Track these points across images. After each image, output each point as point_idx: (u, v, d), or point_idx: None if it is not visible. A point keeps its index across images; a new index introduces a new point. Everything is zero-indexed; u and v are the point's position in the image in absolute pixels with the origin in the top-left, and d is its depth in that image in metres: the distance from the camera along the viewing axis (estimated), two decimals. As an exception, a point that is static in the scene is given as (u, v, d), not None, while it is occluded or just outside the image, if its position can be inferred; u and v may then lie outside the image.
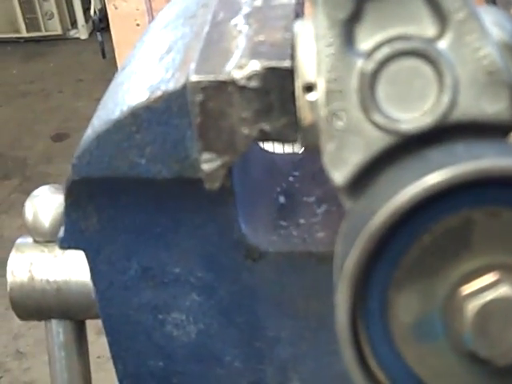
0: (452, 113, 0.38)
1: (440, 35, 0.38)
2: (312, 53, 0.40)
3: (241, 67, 0.42)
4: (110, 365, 0.59)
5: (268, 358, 0.56)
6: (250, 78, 0.41)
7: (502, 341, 0.33)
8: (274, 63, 0.41)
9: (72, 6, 4.31)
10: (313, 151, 0.41)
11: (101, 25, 3.72)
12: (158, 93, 0.45)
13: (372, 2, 0.39)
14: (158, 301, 0.55)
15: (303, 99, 0.41)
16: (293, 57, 0.41)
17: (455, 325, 0.33)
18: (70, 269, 0.58)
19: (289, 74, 0.41)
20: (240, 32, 0.47)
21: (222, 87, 0.42)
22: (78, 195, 0.51)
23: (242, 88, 0.42)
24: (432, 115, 0.38)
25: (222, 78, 0.42)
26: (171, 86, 0.44)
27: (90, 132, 0.49)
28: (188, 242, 0.53)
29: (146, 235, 0.53)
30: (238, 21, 0.48)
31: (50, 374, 0.65)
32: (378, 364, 0.35)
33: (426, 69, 0.38)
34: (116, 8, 2.51)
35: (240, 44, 0.45)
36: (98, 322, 0.58)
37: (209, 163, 0.44)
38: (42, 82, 3.97)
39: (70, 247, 0.53)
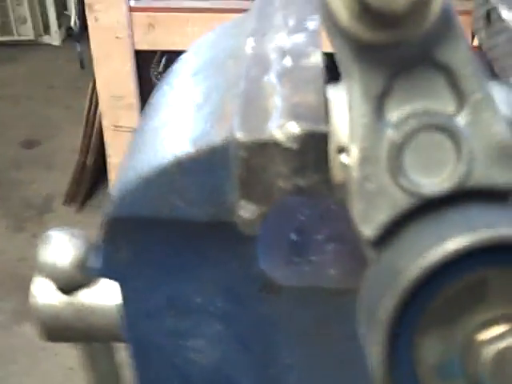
0: (468, 180, 0.44)
1: (458, 111, 0.44)
2: (345, 119, 0.46)
3: (281, 128, 0.47)
4: (80, 376, 0.65)
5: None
6: (289, 139, 0.47)
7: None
8: (312, 127, 0.47)
9: (46, 11, 4.29)
10: (342, 206, 0.47)
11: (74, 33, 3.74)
12: (202, 145, 0.50)
13: (400, 79, 0.45)
14: (180, 328, 0.60)
15: (336, 160, 0.47)
16: (328, 122, 0.47)
17: (472, 368, 0.39)
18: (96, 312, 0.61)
19: (325, 137, 0.47)
20: (275, 90, 0.52)
21: (264, 146, 0.47)
22: (115, 231, 0.55)
23: (282, 148, 0.47)
24: (450, 181, 0.44)
25: (264, 137, 0.47)
26: (214, 139, 0.49)
27: (131, 173, 0.54)
28: (210, 276, 0.58)
29: (172, 268, 0.58)
30: (271, 79, 0.53)
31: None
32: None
33: (446, 141, 0.44)
34: (97, 20, 2.53)
35: (277, 103, 0.50)
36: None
37: (246, 211, 0.49)
38: (12, 87, 3.95)
39: (105, 277, 0.58)
